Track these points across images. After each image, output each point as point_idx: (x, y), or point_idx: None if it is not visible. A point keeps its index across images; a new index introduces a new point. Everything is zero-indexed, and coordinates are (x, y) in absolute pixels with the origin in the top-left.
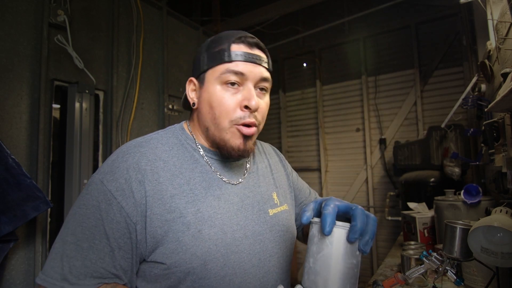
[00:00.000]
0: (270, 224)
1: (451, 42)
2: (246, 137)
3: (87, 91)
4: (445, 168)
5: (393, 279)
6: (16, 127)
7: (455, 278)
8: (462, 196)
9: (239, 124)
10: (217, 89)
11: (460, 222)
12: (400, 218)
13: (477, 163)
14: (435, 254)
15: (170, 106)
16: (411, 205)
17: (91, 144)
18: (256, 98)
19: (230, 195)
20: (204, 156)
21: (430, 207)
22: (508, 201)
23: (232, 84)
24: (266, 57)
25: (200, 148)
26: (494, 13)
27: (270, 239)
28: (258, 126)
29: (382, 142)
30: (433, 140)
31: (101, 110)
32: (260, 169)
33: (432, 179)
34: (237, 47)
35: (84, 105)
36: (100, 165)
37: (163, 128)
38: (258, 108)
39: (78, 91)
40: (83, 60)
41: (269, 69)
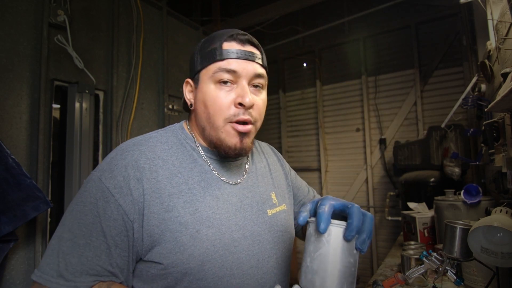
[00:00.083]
0: (269, 225)
1: (451, 42)
2: (242, 135)
3: (87, 91)
4: (445, 168)
5: (393, 279)
6: (16, 127)
7: (455, 278)
8: (462, 196)
9: (234, 122)
10: (211, 89)
11: (460, 222)
12: (400, 218)
13: (477, 163)
14: (435, 254)
15: (170, 106)
16: (411, 205)
17: (91, 144)
18: (251, 95)
19: (229, 195)
20: (203, 156)
21: (430, 207)
22: (508, 201)
23: (225, 83)
24: (260, 53)
25: (200, 148)
26: (494, 13)
27: (269, 240)
28: (255, 124)
29: (382, 142)
30: (433, 140)
31: (101, 110)
32: (259, 169)
33: (432, 179)
34: (229, 45)
35: (84, 105)
36: None
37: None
38: (254, 105)
39: (78, 91)
40: (83, 60)
41: (264, 65)
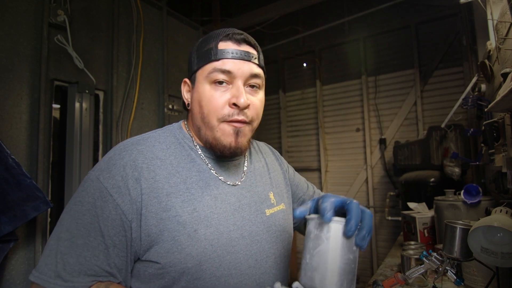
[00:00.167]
0: (267, 225)
1: (451, 42)
2: (238, 134)
3: (87, 91)
4: (445, 168)
5: (393, 279)
6: (16, 127)
7: (455, 278)
8: (462, 196)
9: (228, 121)
10: (206, 89)
11: (460, 222)
12: (400, 218)
13: (477, 163)
14: (435, 254)
15: (170, 106)
16: (411, 205)
17: (91, 144)
18: (246, 96)
19: (227, 195)
20: (201, 155)
21: (430, 207)
22: (508, 201)
23: (221, 83)
24: (257, 53)
25: (198, 147)
26: (494, 13)
27: (267, 240)
28: (251, 124)
29: (382, 142)
30: (433, 140)
31: (101, 110)
32: (257, 169)
33: (432, 179)
34: (224, 45)
35: (84, 105)
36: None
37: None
38: (250, 106)
39: (78, 91)
40: (83, 60)
41: (260, 65)
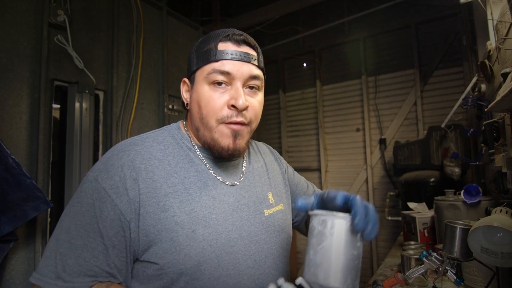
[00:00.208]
0: (266, 225)
1: (451, 42)
2: (236, 136)
3: (87, 91)
4: (445, 168)
5: (393, 279)
6: (16, 127)
7: (455, 278)
8: (462, 196)
9: (226, 123)
10: (205, 89)
11: (460, 222)
12: (400, 218)
13: (477, 163)
14: (435, 254)
15: (170, 106)
16: (411, 205)
17: (91, 144)
18: (244, 97)
19: (226, 195)
20: (200, 156)
21: (430, 207)
22: (508, 201)
23: (220, 84)
24: (256, 54)
25: (196, 147)
26: (494, 13)
27: (266, 240)
28: (250, 125)
29: (382, 142)
30: (433, 140)
31: (101, 110)
32: (256, 169)
33: (432, 179)
34: (224, 46)
35: (84, 105)
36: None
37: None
38: (248, 107)
39: (78, 91)
40: (83, 60)
41: (260, 67)
